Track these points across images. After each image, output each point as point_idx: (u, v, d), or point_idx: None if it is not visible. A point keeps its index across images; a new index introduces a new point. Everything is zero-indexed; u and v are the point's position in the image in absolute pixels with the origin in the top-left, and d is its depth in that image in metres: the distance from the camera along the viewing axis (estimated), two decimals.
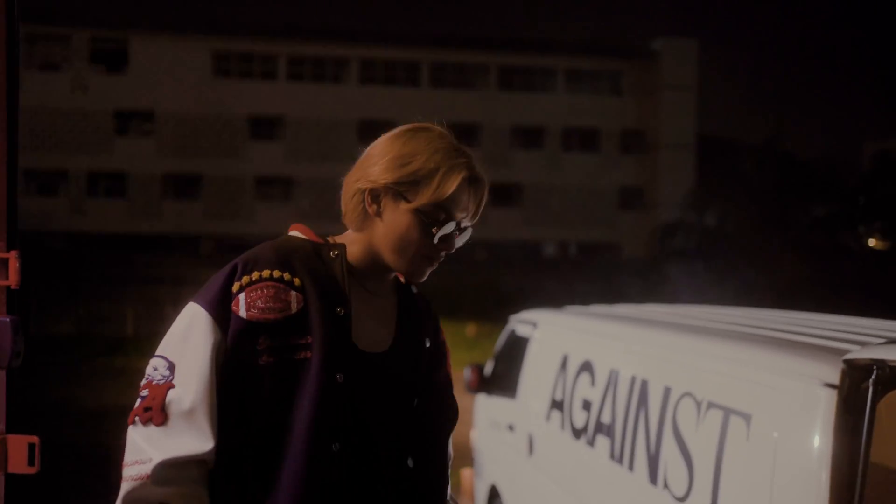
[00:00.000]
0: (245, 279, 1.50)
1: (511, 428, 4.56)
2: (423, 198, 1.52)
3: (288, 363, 1.47)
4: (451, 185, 1.51)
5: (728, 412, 2.48)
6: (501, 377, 4.96)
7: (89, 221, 31.78)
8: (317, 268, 1.54)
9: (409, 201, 1.52)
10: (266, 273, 1.50)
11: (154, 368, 1.49)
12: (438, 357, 1.68)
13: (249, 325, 1.47)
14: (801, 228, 20.91)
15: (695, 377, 2.74)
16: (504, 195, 34.43)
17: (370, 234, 1.57)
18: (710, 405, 2.60)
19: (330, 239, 1.61)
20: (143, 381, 1.50)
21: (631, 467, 3.08)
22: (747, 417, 2.38)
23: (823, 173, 22.32)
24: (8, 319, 2.16)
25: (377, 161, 1.54)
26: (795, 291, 15.96)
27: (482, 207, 1.59)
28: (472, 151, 1.59)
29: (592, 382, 3.60)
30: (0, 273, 2.20)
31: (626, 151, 35.84)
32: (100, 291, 19.55)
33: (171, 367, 1.47)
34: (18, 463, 2.14)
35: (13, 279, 2.19)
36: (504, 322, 5.32)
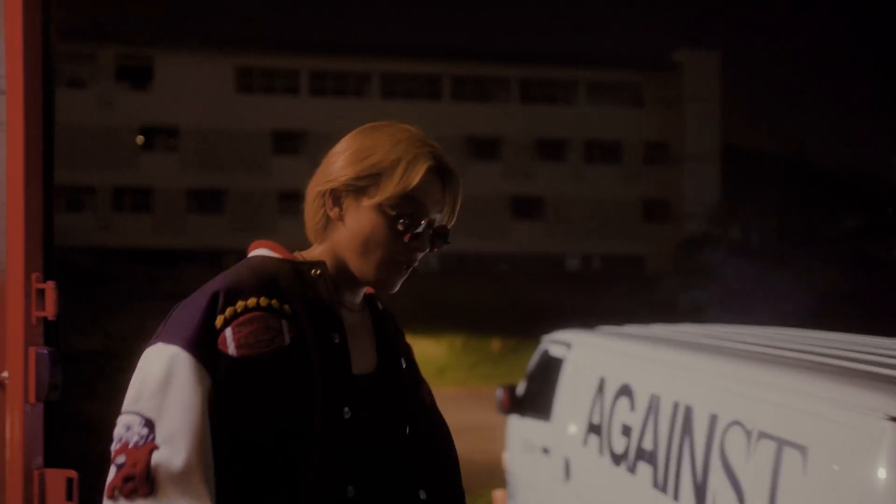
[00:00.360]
0: (229, 311, 1.30)
1: (546, 451, 4.48)
2: (387, 190, 1.36)
3: (289, 402, 1.29)
4: (417, 175, 1.36)
5: (781, 443, 2.40)
6: (534, 398, 4.89)
7: (115, 236, 32.02)
8: (302, 291, 1.37)
9: (371, 197, 1.37)
10: (252, 302, 1.32)
11: (126, 428, 1.27)
12: (417, 373, 1.55)
13: (241, 364, 1.28)
14: (831, 240, 20.65)
15: (744, 405, 2.66)
16: (526, 208, 34.34)
17: (334, 242, 1.41)
18: (762, 435, 2.51)
19: (298, 255, 1.44)
20: (115, 445, 1.27)
21: (676, 497, 2.99)
22: (803, 450, 2.30)
23: (852, 184, 22.08)
24: (46, 351, 2.13)
25: (336, 159, 1.41)
26: (827, 306, 15.74)
27: (458, 206, 1.44)
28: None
29: (632, 407, 3.51)
30: (37, 304, 2.18)
31: (649, 163, 35.65)
32: (126, 306, 19.65)
33: (150, 425, 1.25)
34: (56, 498, 2.11)
35: (50, 310, 2.16)
36: (530, 337, 5.27)
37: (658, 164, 35.67)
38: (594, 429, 3.85)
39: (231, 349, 1.28)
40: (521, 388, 5.18)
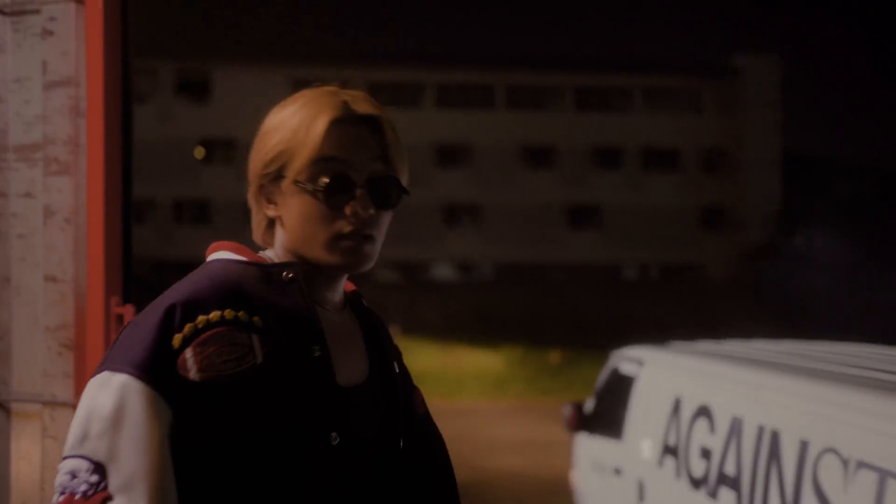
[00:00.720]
0: (188, 328, 1.11)
1: (617, 472, 4.37)
2: (297, 162, 1.18)
3: (267, 430, 1.11)
4: (318, 132, 1.17)
5: (885, 474, 2.27)
6: (604, 416, 4.78)
7: (176, 248, 32.64)
8: (274, 298, 1.19)
9: (287, 178, 1.19)
10: (215, 315, 1.13)
11: (71, 476, 1.06)
12: (409, 382, 1.38)
13: (207, 390, 1.09)
14: None
15: (840, 432, 2.52)
16: (583, 217, 34.06)
17: (281, 240, 1.25)
18: (861, 465, 2.38)
19: (265, 257, 1.27)
20: (59, 496, 1.07)
21: None
22: None
23: None
24: None
25: (252, 155, 1.26)
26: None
27: (393, 148, 1.22)
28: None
29: (712, 429, 3.39)
30: (116, 328, 2.16)
31: (708, 170, 35.09)
32: None
33: (100, 470, 1.06)
34: None
35: None
36: (588, 348, 5.17)
37: (717, 171, 35.08)
38: (670, 450, 3.73)
39: (193, 373, 1.09)
40: (589, 406, 5.07)
